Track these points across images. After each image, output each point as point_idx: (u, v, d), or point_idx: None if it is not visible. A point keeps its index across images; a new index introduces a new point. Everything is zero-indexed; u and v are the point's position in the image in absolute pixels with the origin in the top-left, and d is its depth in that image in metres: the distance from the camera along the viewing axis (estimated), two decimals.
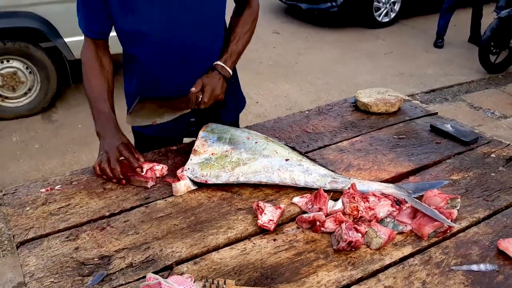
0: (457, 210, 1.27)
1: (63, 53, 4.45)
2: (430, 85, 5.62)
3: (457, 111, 4.94)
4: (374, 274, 1.09)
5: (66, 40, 4.41)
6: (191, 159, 1.44)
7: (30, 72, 4.53)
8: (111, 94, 1.62)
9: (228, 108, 1.76)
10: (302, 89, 5.32)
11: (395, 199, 1.27)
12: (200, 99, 1.48)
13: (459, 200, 1.29)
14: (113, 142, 1.48)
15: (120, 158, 1.45)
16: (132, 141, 1.85)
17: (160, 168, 1.46)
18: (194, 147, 1.48)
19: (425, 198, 1.30)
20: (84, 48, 1.61)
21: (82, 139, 4.30)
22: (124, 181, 1.42)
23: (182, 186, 1.37)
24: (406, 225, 1.22)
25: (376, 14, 7.49)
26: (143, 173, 1.42)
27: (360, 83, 5.55)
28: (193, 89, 1.47)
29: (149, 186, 1.39)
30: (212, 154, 1.46)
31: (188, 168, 1.41)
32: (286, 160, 1.43)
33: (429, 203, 1.27)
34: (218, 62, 1.56)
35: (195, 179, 1.38)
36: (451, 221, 1.23)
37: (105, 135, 1.52)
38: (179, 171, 1.43)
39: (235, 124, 1.83)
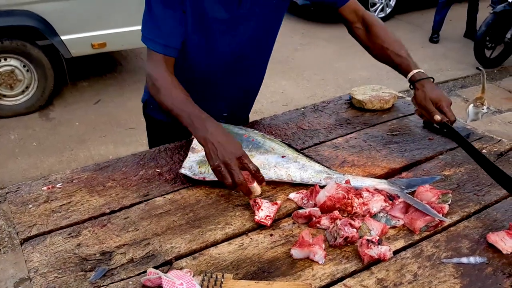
0: (449, 204, 1.31)
1: (60, 51, 4.48)
2: None
3: (452, 106, 4.97)
4: (367, 267, 1.13)
5: (63, 38, 4.44)
6: (189, 157, 1.47)
7: (27, 70, 4.56)
8: None
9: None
10: (299, 85, 5.36)
11: (388, 194, 1.31)
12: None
13: (450, 195, 1.32)
14: (233, 152, 1.29)
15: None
16: (144, 125, 1.93)
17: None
18: (192, 145, 1.51)
19: (417, 193, 1.33)
20: (153, 64, 1.50)
21: (79, 136, 4.34)
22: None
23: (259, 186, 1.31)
24: (398, 220, 1.25)
25: (372, 9, 7.52)
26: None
27: (356, 79, 5.59)
28: (438, 117, 1.47)
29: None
30: None
31: (186, 166, 1.44)
32: (283, 157, 1.46)
33: (421, 198, 1.31)
34: (416, 71, 1.57)
35: (193, 177, 1.41)
36: (442, 215, 1.26)
37: (218, 141, 1.30)
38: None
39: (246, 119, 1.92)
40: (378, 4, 7.57)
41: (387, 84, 5.57)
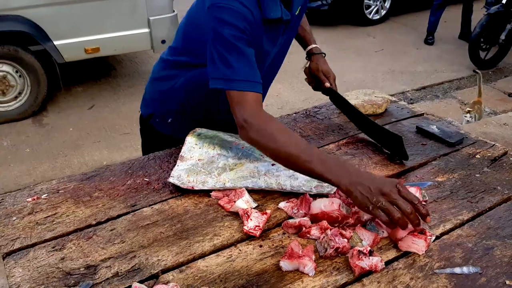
0: (425, 201, 1.32)
1: (53, 56, 4.45)
2: (420, 82, 5.65)
3: (448, 108, 4.97)
4: (358, 279, 1.10)
5: (55, 43, 4.41)
6: (177, 166, 1.45)
7: (20, 76, 4.53)
8: None
9: None
10: (294, 88, 5.33)
11: None
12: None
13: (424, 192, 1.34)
14: (388, 181, 1.17)
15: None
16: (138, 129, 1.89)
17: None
18: (181, 153, 1.49)
19: None
20: (254, 108, 1.32)
21: (73, 142, 4.30)
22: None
23: (243, 204, 1.30)
24: (383, 231, 1.23)
25: (366, 11, 7.52)
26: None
27: (351, 81, 5.57)
28: (327, 84, 1.70)
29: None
30: (198, 160, 1.46)
31: (174, 175, 1.41)
32: (273, 164, 1.44)
33: None
34: (312, 46, 1.78)
35: (182, 186, 1.39)
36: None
37: (365, 178, 1.17)
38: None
39: None
40: (372, 6, 7.56)
41: (382, 86, 5.55)
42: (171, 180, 1.41)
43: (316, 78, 1.76)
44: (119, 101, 5.00)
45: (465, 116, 3.85)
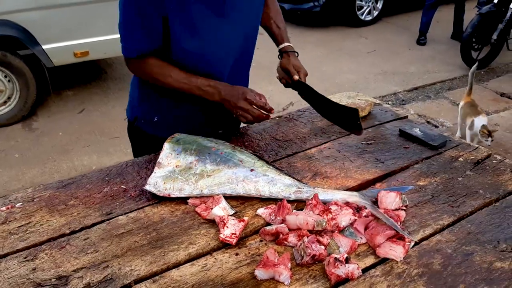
0: (405, 206, 1.31)
1: (42, 60, 4.41)
2: (413, 82, 5.64)
3: (440, 109, 4.96)
4: (334, 287, 1.08)
5: (44, 47, 4.38)
6: (155, 172, 1.42)
7: (8, 81, 4.49)
8: None
9: None
10: (286, 90, 5.30)
11: (356, 206, 1.27)
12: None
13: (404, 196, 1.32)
14: (239, 96, 1.54)
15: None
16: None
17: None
18: (158, 160, 1.46)
19: (380, 198, 1.29)
20: (136, 65, 1.61)
21: (62, 146, 4.27)
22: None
23: (220, 211, 1.29)
24: (361, 237, 1.21)
25: (358, 13, 7.51)
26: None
27: (343, 82, 5.56)
28: (296, 76, 1.67)
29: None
30: (176, 166, 1.44)
31: (151, 182, 1.39)
32: (251, 170, 1.42)
33: (384, 201, 1.29)
34: (285, 44, 1.76)
35: (158, 193, 1.36)
36: (399, 223, 1.24)
37: (226, 93, 1.55)
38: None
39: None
40: (365, 8, 7.55)
41: (374, 87, 5.54)
42: (147, 187, 1.38)
43: (287, 73, 1.71)
44: (109, 105, 4.97)
45: (486, 141, 3.76)
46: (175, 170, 1.42)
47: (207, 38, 1.53)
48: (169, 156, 1.46)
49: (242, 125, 1.79)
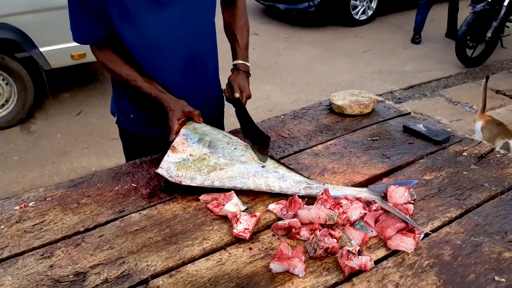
0: (414, 200, 1.33)
1: (39, 63, 4.41)
2: (408, 81, 5.68)
3: (436, 106, 5.00)
4: (348, 278, 1.11)
5: (41, 50, 4.38)
6: (168, 156, 1.43)
7: (6, 84, 4.49)
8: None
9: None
10: (283, 90, 5.34)
11: (366, 200, 1.29)
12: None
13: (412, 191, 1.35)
14: (177, 110, 1.55)
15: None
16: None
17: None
18: (173, 144, 1.47)
19: (389, 193, 1.32)
20: (96, 55, 1.63)
21: (61, 149, 4.27)
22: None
23: (232, 207, 1.32)
24: (372, 230, 1.23)
25: (353, 12, 7.55)
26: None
27: (340, 82, 5.60)
28: (237, 94, 1.63)
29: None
30: (190, 155, 1.45)
31: (163, 167, 1.40)
32: (263, 166, 1.44)
33: (393, 196, 1.31)
34: (239, 61, 1.71)
35: (170, 179, 1.38)
36: (409, 217, 1.26)
37: (170, 107, 1.56)
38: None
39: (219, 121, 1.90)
40: (359, 7, 7.59)
41: (370, 86, 5.58)
42: (159, 171, 1.40)
43: (231, 87, 1.68)
44: (107, 106, 4.93)
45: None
46: (189, 158, 1.43)
47: (144, 26, 1.52)
48: (184, 143, 1.47)
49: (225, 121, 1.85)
